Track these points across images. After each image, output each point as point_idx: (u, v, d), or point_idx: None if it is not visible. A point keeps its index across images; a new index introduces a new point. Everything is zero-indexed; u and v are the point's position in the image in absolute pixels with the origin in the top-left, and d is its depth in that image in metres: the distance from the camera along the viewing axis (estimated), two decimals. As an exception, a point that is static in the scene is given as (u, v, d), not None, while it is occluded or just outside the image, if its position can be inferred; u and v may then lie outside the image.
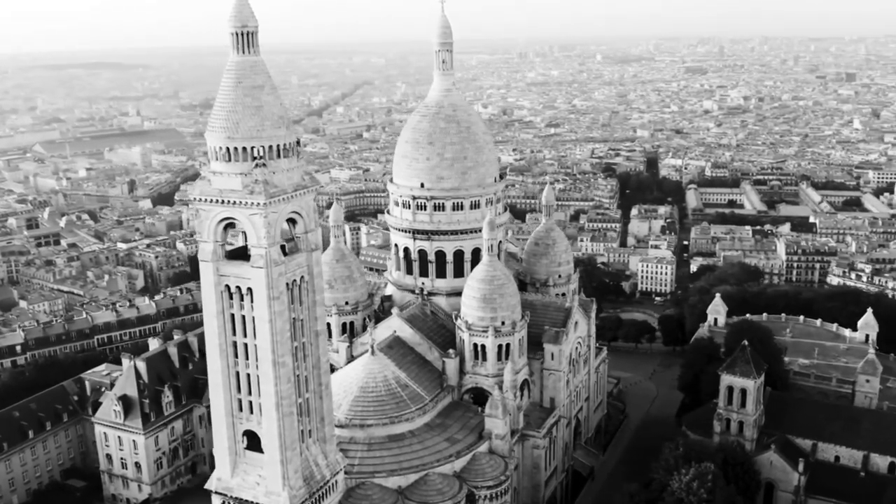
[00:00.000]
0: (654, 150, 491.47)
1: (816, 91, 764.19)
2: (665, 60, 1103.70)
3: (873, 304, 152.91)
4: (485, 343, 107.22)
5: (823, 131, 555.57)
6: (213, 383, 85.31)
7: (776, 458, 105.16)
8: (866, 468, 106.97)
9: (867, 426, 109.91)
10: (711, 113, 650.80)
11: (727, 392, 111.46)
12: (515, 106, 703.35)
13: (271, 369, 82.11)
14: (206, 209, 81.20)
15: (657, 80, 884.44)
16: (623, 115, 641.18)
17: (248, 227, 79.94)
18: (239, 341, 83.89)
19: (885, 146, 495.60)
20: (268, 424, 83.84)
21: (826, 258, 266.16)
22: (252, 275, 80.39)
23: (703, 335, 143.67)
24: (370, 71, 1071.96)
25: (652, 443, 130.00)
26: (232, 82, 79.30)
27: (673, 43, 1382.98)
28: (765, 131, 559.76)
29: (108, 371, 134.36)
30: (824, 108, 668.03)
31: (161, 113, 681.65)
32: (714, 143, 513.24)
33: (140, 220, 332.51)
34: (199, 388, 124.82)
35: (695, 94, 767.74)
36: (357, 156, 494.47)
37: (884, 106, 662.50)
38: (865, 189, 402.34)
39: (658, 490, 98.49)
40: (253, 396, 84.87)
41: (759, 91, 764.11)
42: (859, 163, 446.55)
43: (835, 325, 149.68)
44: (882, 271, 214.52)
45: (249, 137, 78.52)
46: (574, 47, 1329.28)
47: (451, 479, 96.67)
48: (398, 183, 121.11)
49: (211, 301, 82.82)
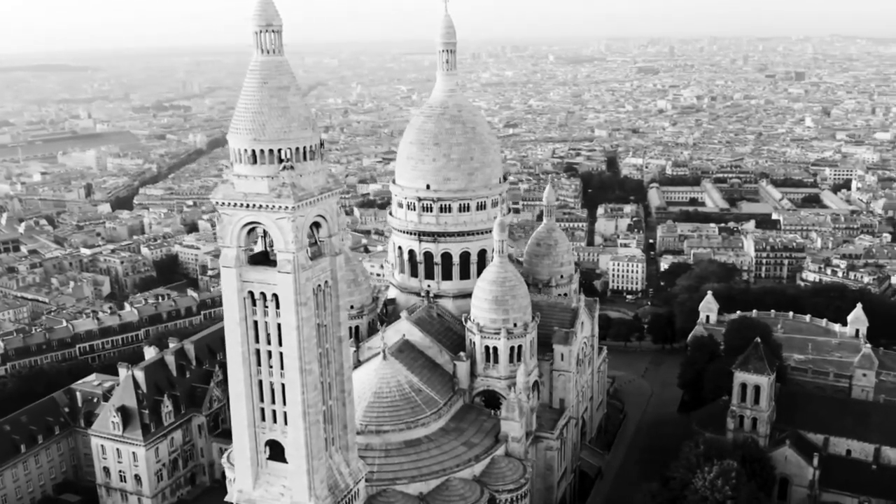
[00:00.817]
0: (613, 150, 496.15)
1: (767, 90, 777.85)
2: (617, 61, 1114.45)
3: (858, 299, 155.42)
4: (497, 345, 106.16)
5: (777, 129, 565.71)
6: (235, 393, 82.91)
7: (791, 453, 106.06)
8: (878, 461, 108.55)
9: (877, 419, 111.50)
10: (666, 112, 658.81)
11: (741, 389, 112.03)
12: (472, 107, 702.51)
13: (298, 377, 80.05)
14: (230, 213, 78.84)
15: (610, 80, 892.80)
16: (579, 115, 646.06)
17: (274, 231, 77.80)
18: (262, 349, 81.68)
19: (838, 143, 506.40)
20: (294, 433, 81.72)
21: (794, 254, 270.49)
22: (279, 280, 78.28)
23: (700, 333, 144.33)
24: (323, 72, 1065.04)
25: (654, 441, 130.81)
26: (257, 83, 77.25)
27: (623, 43, 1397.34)
28: (719, 130, 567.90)
29: (98, 381, 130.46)
30: (776, 106, 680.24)
31: (113, 115, 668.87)
32: (671, 143, 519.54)
33: (100, 225, 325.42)
34: (198, 396, 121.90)
35: (648, 94, 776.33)
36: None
37: (833, 104, 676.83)
38: (823, 186, 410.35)
39: (678, 488, 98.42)
40: (277, 405, 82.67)
41: (711, 90, 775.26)
42: (815, 160, 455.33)
43: (824, 320, 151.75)
44: (857, 267, 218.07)
45: (276, 139, 76.51)
46: (526, 48, 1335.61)
47: (472, 484, 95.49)
48: (402, 184, 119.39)
49: (234, 308, 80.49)
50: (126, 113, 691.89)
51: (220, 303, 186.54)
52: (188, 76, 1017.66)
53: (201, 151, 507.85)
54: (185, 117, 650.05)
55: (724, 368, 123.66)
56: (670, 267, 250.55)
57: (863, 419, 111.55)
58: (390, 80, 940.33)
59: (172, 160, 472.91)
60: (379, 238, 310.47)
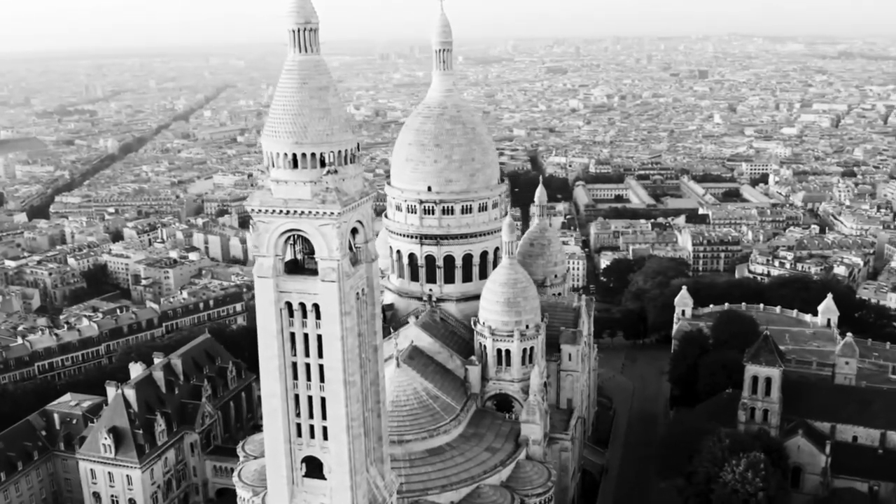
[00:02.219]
0: (533, 149, 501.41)
1: (673, 88, 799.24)
2: (525, 61, 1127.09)
3: (822, 290, 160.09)
4: (509, 348, 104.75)
5: (687, 126, 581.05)
6: (270, 409, 79.02)
7: (804, 442, 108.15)
8: (884, 445, 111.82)
9: (880, 405, 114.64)
10: (579, 111, 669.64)
11: (752, 381, 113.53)
12: (388, 107, 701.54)
13: (342, 389, 76.82)
14: (267, 221, 75.05)
15: (521, 80, 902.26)
16: (495, 116, 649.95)
17: (316, 238, 74.38)
18: (299, 361, 78.16)
19: (748, 139, 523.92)
20: (336, 448, 78.38)
21: (730, 248, 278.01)
22: (321, 289, 74.90)
23: (686, 327, 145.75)
24: (230, 73, 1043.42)
25: (651, 437, 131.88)
26: (296, 83, 73.53)
27: (530, 44, 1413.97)
28: (633, 128, 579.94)
29: (75, 401, 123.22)
30: (683, 104, 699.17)
31: (16, 121, 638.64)
32: (589, 141, 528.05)
33: (19, 236, 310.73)
34: (189, 413, 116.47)
35: (559, 94, 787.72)
36: (237, 160, 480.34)
37: (738, 101, 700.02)
38: (742, 180, 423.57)
39: (703, 482, 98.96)
40: (315, 420, 79.22)
41: (620, 90, 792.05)
42: (731, 156, 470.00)
43: (794, 311, 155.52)
44: (803, 258, 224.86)
45: (319, 142, 73.10)
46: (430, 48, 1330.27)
47: (502, 490, 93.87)
48: (401, 187, 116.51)
49: (271, 320, 76.67)
50: (29, 118, 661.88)
51: (182, 313, 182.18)
52: (90, 80, 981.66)
53: (114, 157, 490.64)
54: (93, 122, 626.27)
55: (720, 361, 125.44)
56: (612, 263, 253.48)
57: (867, 406, 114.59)
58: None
59: (85, 166, 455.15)
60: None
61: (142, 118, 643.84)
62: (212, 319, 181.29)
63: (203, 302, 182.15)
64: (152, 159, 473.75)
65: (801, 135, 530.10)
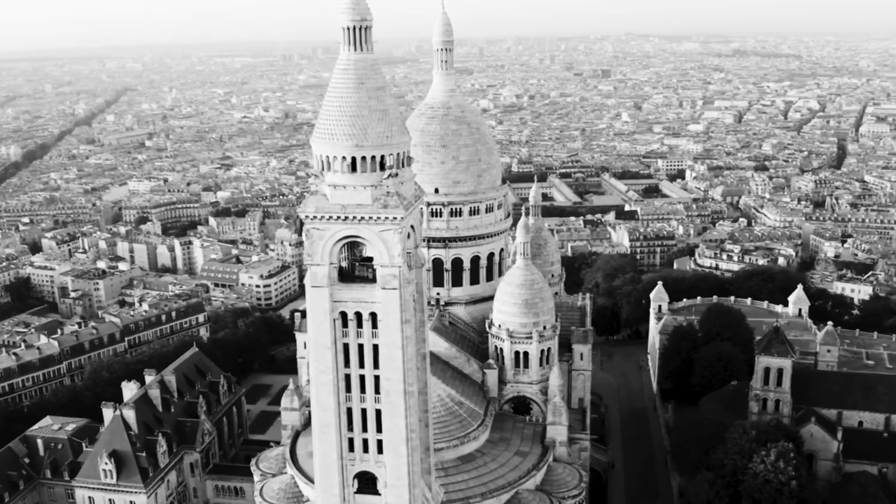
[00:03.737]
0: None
1: (579, 87, 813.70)
2: (429, 62, 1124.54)
3: (786, 280, 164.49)
4: (528, 350, 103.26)
5: (598, 125, 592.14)
6: (323, 424, 75.60)
7: (816, 429, 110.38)
8: (889, 429, 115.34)
9: (883, 390, 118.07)
10: (490, 111, 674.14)
11: (764, 373, 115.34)
12: (297, 109, 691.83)
13: (401, 401, 74.11)
14: (322, 228, 71.62)
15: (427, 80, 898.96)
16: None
17: (376, 244, 71.40)
18: (353, 373, 75.03)
19: (659, 136, 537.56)
20: (394, 462, 75.55)
21: (665, 242, 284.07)
22: (381, 297, 72.00)
23: (672, 322, 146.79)
24: (129, 76, 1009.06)
25: (643, 432, 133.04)
26: (353, 83, 70.44)
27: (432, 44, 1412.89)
28: (545, 127, 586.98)
29: (58, 425, 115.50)
30: (590, 103, 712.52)
31: None
32: (505, 140, 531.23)
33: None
34: (187, 432, 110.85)
35: (468, 94, 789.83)
36: (149, 165, 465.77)
37: (643, 99, 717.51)
38: (660, 177, 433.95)
39: (730, 474, 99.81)
40: (369, 434, 76.23)
41: (528, 89, 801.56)
42: (646, 153, 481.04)
43: (765, 302, 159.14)
44: (749, 251, 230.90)
45: (379, 145, 70.19)
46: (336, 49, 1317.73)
47: (540, 495, 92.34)
48: None
49: (325, 331, 73.30)
50: None
51: (144, 326, 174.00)
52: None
53: (18, 165, 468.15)
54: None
55: (716, 354, 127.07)
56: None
57: (870, 392, 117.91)
58: (203, 83, 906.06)
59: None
60: (247, 247, 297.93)
61: (41, 124, 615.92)
62: (175, 332, 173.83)
63: (165, 314, 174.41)
64: (59, 166, 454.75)
65: (707, 131, 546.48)
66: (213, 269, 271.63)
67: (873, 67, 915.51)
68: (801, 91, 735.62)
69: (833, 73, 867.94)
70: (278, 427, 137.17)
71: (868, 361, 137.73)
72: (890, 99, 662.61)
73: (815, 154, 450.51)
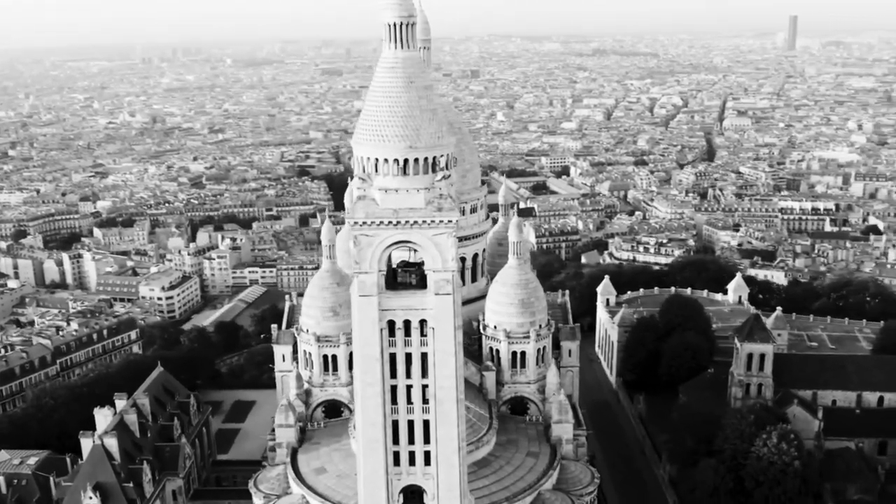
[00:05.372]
0: (335, 151, 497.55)
1: (450, 87, 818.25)
2: (296, 63, 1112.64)
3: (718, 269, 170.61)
4: (525, 349, 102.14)
5: (474, 125, 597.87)
6: (370, 439, 72.47)
7: (799, 410, 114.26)
8: (860, 406, 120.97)
9: (852, 370, 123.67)
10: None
11: (746, 358, 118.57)
12: (165, 113, 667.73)
13: (454, 409, 72.13)
14: (372, 234, 68.55)
15: (297, 81, 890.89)
16: (282, 118, 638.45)
17: (428, 249, 69.02)
18: (400, 384, 72.30)
19: (536, 134, 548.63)
20: (447, 473, 73.33)
21: (570, 237, 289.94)
22: (434, 304, 69.67)
23: (631, 315, 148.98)
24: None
25: (611, 423, 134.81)
26: (402, 82, 67.75)
27: (298, 45, 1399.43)
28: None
29: (18, 459, 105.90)
30: (464, 103, 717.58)
31: None
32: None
33: None
34: (166, 457, 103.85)
35: (341, 95, 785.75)
36: (17, 175, 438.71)
37: (514, 99, 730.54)
38: (546, 174, 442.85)
39: (730, 459, 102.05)
40: (416, 446, 73.66)
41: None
42: (528, 151, 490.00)
43: (705, 291, 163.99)
44: (663, 243, 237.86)
45: (432, 146, 67.86)
46: (199, 51, 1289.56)
47: (560, 495, 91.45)
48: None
49: (374, 341, 70.30)
50: None
51: (76, 347, 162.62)
52: None
53: None
54: None
55: (683, 344, 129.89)
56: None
57: (841, 371, 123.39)
58: (60, 88, 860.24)
59: None
60: (142, 259, 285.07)
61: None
62: (107, 351, 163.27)
63: (97, 333, 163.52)
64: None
65: (580, 128, 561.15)
66: (110, 282, 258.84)
67: (727, 64, 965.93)
68: (663, 88, 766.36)
69: (690, 70, 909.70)
70: (241, 445, 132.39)
71: (811, 343, 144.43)
72: (748, 94, 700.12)
73: (688, 148, 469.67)
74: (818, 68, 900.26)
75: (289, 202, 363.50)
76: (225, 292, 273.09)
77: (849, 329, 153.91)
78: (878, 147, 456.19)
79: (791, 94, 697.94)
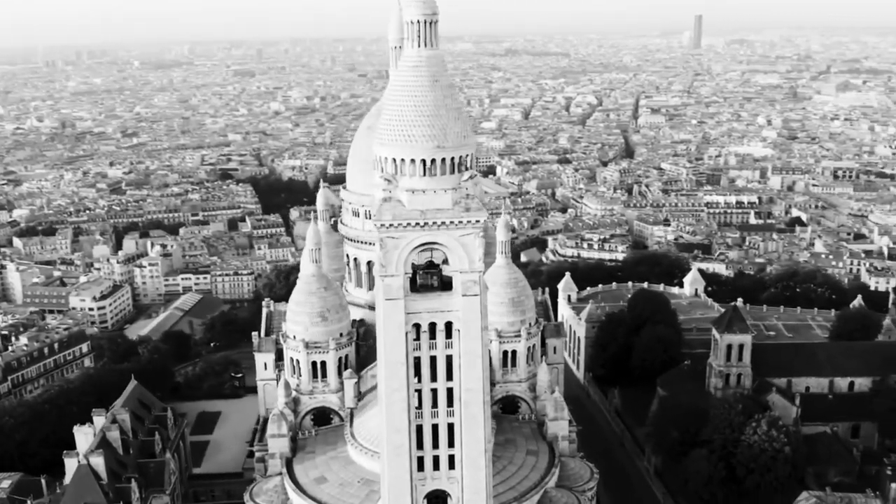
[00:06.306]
0: (256, 153, 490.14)
1: (367, 88, 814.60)
2: (206, 64, 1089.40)
3: (672, 264, 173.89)
4: (516, 348, 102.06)
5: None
6: (396, 445, 71.05)
7: (778, 398, 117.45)
8: (832, 391, 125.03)
9: (823, 357, 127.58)
10: (282, 114, 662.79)
11: (726, 349, 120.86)
12: (75, 118, 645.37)
13: (481, 412, 71.43)
14: (398, 236, 67.27)
15: (209, 83, 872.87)
16: (196, 121, 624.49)
17: (455, 250, 68.20)
18: (425, 388, 71.24)
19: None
20: (473, 476, 72.59)
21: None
22: (461, 305, 68.79)
23: (596, 311, 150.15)
24: None
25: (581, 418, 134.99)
26: (428, 81, 66.72)
27: (207, 47, 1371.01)
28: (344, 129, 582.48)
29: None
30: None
31: None
32: (309, 143, 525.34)
33: None
34: (150, 472, 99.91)
35: (256, 97, 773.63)
36: None
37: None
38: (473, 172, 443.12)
39: (720, 448, 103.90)
40: (440, 450, 72.69)
41: (317, 91, 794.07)
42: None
43: (661, 285, 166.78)
44: (607, 239, 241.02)
45: (458, 146, 67.10)
46: (105, 53, 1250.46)
47: (566, 493, 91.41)
48: (366, 192, 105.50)
49: (399, 345, 69.02)
50: None
51: (27, 363, 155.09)
52: None
53: None
54: None
55: (655, 337, 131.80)
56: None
57: (812, 359, 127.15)
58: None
59: None
60: (69, 268, 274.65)
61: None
62: (58, 365, 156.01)
63: (48, 347, 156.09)
64: None
65: (500, 128, 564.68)
66: (38, 293, 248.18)
67: (637, 63, 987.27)
68: (577, 87, 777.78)
69: (601, 69, 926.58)
70: (213, 458, 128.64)
71: (769, 332, 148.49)
72: (659, 91, 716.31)
73: (608, 146, 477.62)
74: (724, 66, 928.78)
75: (215, 206, 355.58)
76: (158, 300, 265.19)
77: (802, 318, 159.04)
78: (789, 142, 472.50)
79: (701, 92, 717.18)
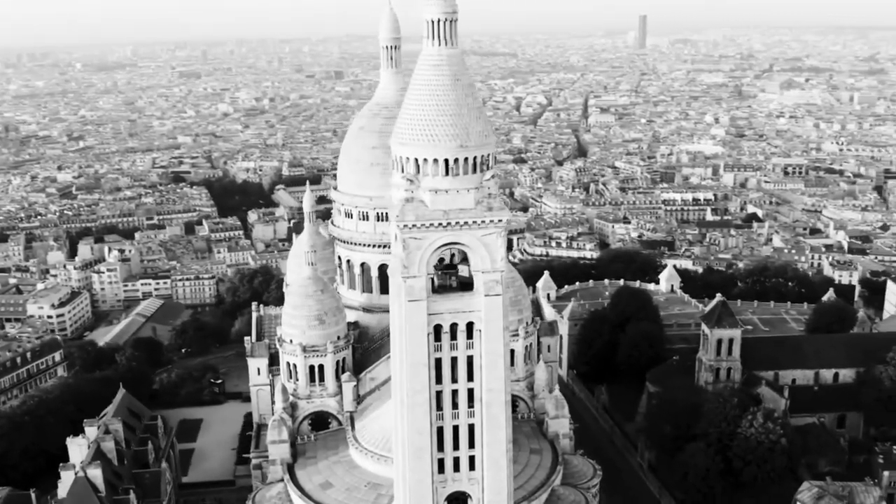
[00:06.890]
0: (207, 155, 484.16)
1: (316, 89, 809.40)
2: (150, 66, 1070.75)
3: (645, 261, 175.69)
4: (515, 348, 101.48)
5: (347, 126, 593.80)
6: (417, 448, 70.40)
7: (767, 390, 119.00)
8: (818, 383, 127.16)
9: (809, 350, 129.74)
10: (231, 115, 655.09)
11: (716, 344, 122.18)
12: (18, 121, 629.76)
13: (503, 412, 71.09)
14: (420, 237, 66.65)
15: (154, 85, 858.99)
16: (144, 123, 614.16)
17: (477, 250, 67.86)
18: (446, 389, 70.77)
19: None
20: (495, 476, 72.14)
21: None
22: (483, 305, 68.47)
23: (579, 308, 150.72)
24: None
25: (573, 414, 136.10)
26: (449, 79, 66.21)
27: (150, 48, 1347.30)
28: (296, 130, 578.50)
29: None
30: (332, 104, 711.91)
31: None
32: (260, 144, 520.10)
33: None
34: (146, 483, 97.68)
35: (203, 98, 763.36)
36: None
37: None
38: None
39: (716, 441, 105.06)
40: (461, 451, 72.29)
41: (265, 92, 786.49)
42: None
43: (637, 282, 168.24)
44: (575, 237, 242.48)
45: (480, 145, 66.69)
46: (46, 56, 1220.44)
47: (574, 491, 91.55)
48: (371, 194, 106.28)
49: (422, 347, 68.45)
50: None
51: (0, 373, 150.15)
52: None
53: None
54: None
55: (641, 333, 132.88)
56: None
57: (797, 352, 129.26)
58: None
59: None
60: (24, 275, 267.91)
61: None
62: (31, 375, 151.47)
63: (20, 356, 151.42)
64: None
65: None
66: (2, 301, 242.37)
67: (584, 63, 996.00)
68: (526, 87, 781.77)
69: (549, 69, 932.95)
70: (199, 466, 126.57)
71: (746, 326, 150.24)
72: (607, 91, 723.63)
73: (561, 145, 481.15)
74: (669, 65, 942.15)
75: (170, 210, 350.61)
76: (117, 307, 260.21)
77: (776, 312, 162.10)
78: (737, 139, 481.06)
79: (648, 91, 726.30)
